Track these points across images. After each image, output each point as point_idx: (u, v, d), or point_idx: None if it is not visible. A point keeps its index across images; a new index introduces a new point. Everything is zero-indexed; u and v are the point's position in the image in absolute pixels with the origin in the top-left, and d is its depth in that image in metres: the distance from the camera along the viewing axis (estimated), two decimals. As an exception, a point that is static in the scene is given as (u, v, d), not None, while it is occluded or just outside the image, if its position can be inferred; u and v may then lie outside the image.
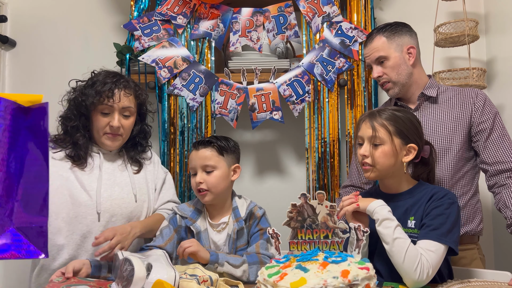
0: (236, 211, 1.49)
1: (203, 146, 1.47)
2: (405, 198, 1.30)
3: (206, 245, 1.43)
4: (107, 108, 1.46)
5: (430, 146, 1.38)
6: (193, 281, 1.11)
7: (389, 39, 1.57)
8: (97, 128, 1.47)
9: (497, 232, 2.05)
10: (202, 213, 1.50)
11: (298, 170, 2.20)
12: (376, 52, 1.58)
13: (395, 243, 1.13)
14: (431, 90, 1.58)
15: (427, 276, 1.12)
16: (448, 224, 1.19)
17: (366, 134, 1.29)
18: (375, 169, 1.29)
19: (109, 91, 1.44)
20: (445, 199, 1.24)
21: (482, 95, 1.55)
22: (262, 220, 1.48)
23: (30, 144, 0.90)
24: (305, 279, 0.90)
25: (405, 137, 1.28)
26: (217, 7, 2.01)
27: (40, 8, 2.24)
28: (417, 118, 1.35)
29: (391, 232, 1.14)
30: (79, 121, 1.47)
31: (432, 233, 1.18)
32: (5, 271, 2.16)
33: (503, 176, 1.47)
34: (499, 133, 1.51)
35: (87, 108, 1.46)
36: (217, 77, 1.98)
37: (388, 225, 1.16)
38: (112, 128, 1.46)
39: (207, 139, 1.50)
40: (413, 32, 1.62)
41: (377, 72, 1.59)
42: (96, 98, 1.44)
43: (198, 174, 1.45)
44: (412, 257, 1.12)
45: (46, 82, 2.22)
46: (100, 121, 1.46)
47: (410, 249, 1.13)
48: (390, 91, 1.60)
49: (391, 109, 1.32)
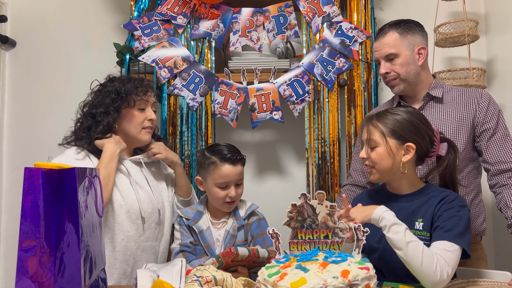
0: (236, 211, 1.56)
1: (237, 162, 1.51)
2: (412, 199, 1.29)
3: (210, 241, 1.50)
4: (143, 103, 1.51)
5: (449, 143, 1.34)
6: (194, 284, 1.11)
7: (402, 36, 1.55)
8: (135, 124, 1.50)
9: (497, 232, 2.05)
10: (204, 214, 1.56)
11: (298, 170, 2.20)
12: (387, 48, 1.55)
13: (409, 247, 1.10)
14: (436, 90, 1.58)
15: (447, 276, 1.09)
16: (461, 226, 1.18)
17: (363, 137, 1.32)
18: (375, 170, 1.29)
19: (146, 88, 1.51)
20: (456, 202, 1.22)
21: (486, 95, 1.55)
22: (262, 223, 1.55)
23: (63, 210, 0.91)
24: (305, 279, 0.90)
25: (401, 137, 1.26)
26: (217, 7, 2.01)
27: (40, 8, 2.24)
28: (421, 116, 1.32)
29: (402, 237, 1.11)
30: (115, 116, 1.48)
31: (447, 234, 1.16)
32: (5, 271, 2.16)
33: (504, 176, 1.47)
34: (502, 133, 1.50)
35: (127, 103, 1.48)
36: (217, 77, 1.98)
37: (398, 229, 1.12)
38: (151, 121, 1.52)
39: (239, 156, 1.53)
40: (425, 33, 1.60)
41: (385, 68, 1.57)
42: (137, 93, 1.48)
43: (232, 188, 1.50)
44: (429, 258, 1.09)
45: (46, 82, 2.23)
46: (137, 116, 1.50)
47: (425, 250, 1.10)
48: (395, 88, 1.58)
49: (388, 110, 1.32)
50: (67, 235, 0.90)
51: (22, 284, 0.88)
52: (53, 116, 2.21)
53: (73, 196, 0.91)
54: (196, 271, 1.20)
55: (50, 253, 0.89)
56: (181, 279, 1.14)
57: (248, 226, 1.54)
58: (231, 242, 1.51)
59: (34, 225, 0.88)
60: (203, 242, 1.50)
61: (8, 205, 2.18)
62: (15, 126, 2.21)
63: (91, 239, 0.99)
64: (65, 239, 0.90)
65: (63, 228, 0.90)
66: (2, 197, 2.18)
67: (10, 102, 2.22)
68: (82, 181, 0.96)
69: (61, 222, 0.90)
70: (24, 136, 2.21)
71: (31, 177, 0.88)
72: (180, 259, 1.31)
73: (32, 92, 2.22)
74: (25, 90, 2.22)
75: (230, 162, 1.49)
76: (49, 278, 0.88)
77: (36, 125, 2.21)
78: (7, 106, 2.22)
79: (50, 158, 1.47)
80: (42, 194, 0.88)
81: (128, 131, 1.51)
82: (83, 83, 2.18)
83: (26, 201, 0.88)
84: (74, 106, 2.24)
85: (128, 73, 1.98)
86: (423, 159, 1.31)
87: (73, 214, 0.90)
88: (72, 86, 2.21)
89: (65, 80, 2.23)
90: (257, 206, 1.59)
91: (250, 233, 1.53)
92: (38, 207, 0.88)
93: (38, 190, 0.88)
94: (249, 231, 1.53)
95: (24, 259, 0.88)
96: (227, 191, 1.49)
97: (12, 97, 2.22)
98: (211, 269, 1.18)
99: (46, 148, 2.14)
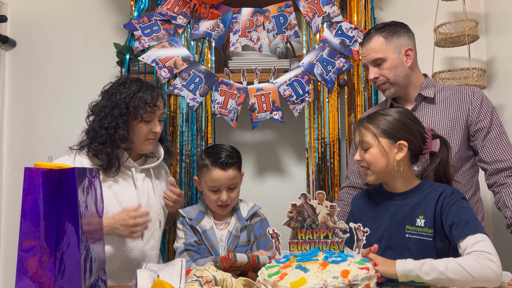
0: (238, 212, 1.57)
1: (229, 166, 1.49)
2: (410, 196, 1.30)
3: (214, 241, 1.51)
4: (151, 116, 1.51)
5: (441, 139, 1.36)
6: (194, 284, 1.11)
7: (387, 40, 1.54)
8: (139, 136, 1.51)
9: (497, 232, 2.05)
10: (206, 214, 1.57)
11: (298, 170, 2.20)
12: (374, 53, 1.55)
13: (448, 273, 1.09)
14: (428, 90, 1.58)
15: (497, 260, 1.10)
16: (473, 216, 1.20)
17: (356, 140, 1.34)
18: (371, 171, 1.31)
19: (155, 100, 1.50)
20: (456, 195, 1.25)
21: (478, 93, 1.54)
22: (265, 224, 1.56)
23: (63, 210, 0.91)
24: (305, 279, 0.90)
25: (392, 136, 1.28)
26: (217, 7, 2.01)
27: (40, 8, 2.24)
28: (411, 115, 1.34)
29: (435, 271, 1.10)
30: (125, 130, 1.48)
31: (468, 228, 1.17)
32: (5, 271, 2.16)
33: (502, 175, 1.47)
34: (497, 131, 1.51)
35: (134, 117, 1.49)
36: (217, 77, 1.98)
37: (426, 269, 1.11)
38: (155, 134, 1.53)
39: (231, 160, 1.49)
40: (411, 33, 1.60)
41: (373, 74, 1.57)
42: (145, 109, 1.48)
43: (224, 193, 1.49)
44: (472, 265, 1.09)
45: (46, 82, 2.22)
46: (143, 129, 1.51)
47: (461, 262, 1.10)
48: (387, 92, 1.59)
49: (378, 112, 1.34)
50: (67, 235, 0.90)
51: (22, 284, 0.88)
52: (53, 116, 2.21)
53: (73, 196, 0.91)
54: (196, 271, 1.20)
55: (50, 253, 0.89)
56: (181, 279, 1.14)
57: (251, 226, 1.55)
58: (234, 243, 1.51)
59: (34, 225, 0.88)
60: (207, 241, 1.51)
61: (8, 205, 2.18)
62: (15, 126, 2.21)
63: (91, 239, 0.99)
64: (65, 239, 0.90)
65: (63, 228, 0.90)
66: (2, 197, 2.18)
67: (10, 102, 2.22)
68: (82, 181, 0.96)
69: (61, 222, 0.90)
70: (24, 136, 2.21)
71: (31, 177, 0.88)
72: (180, 259, 1.31)
73: (32, 92, 2.22)
74: (25, 90, 2.22)
75: (220, 166, 1.47)
76: (49, 278, 0.88)
77: (36, 125, 2.21)
78: (7, 106, 2.22)
79: (50, 158, 1.47)
80: (42, 194, 0.88)
81: (132, 140, 1.52)
82: (83, 83, 2.21)
83: (26, 201, 0.88)
84: (74, 106, 2.25)
85: (128, 73, 1.98)
86: (417, 156, 1.33)
87: (73, 214, 0.90)
88: (72, 86, 2.21)
89: (65, 80, 2.23)
90: (259, 207, 1.60)
91: (253, 234, 1.54)
92: (38, 207, 0.88)
93: (38, 190, 0.88)
94: (252, 232, 1.55)
95: (24, 259, 0.88)
96: (219, 195, 1.49)
97: (12, 97, 2.22)
98: (211, 269, 1.18)
99: (46, 148, 2.14)
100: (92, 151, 1.48)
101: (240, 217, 1.55)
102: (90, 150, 1.48)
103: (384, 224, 1.31)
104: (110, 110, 1.47)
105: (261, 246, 1.50)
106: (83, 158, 1.49)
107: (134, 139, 1.52)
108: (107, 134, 1.46)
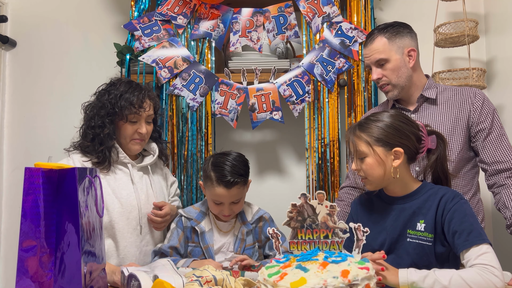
0: (243, 215, 1.56)
1: (233, 185, 1.44)
2: (411, 200, 1.28)
3: (210, 243, 1.50)
4: (136, 117, 1.54)
5: (437, 135, 1.33)
6: (194, 284, 1.11)
7: (390, 40, 1.54)
8: (124, 135, 1.55)
9: (497, 232, 2.05)
10: (207, 215, 1.56)
11: (298, 170, 2.20)
12: (377, 54, 1.55)
13: (452, 285, 1.07)
14: (430, 91, 1.58)
15: (500, 273, 1.08)
16: (477, 223, 1.17)
17: (351, 149, 1.31)
18: (369, 180, 1.28)
19: (141, 102, 1.53)
20: (457, 199, 1.21)
21: (480, 94, 1.55)
22: (272, 224, 1.58)
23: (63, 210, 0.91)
24: (305, 279, 0.90)
25: (387, 143, 1.24)
26: (217, 7, 2.01)
27: (40, 8, 2.24)
28: (403, 116, 1.29)
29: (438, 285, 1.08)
30: (111, 129, 1.52)
31: (472, 237, 1.14)
32: (5, 271, 2.16)
33: (502, 176, 1.47)
34: (498, 132, 1.51)
35: (120, 117, 1.52)
36: (217, 77, 1.98)
37: (430, 282, 1.09)
38: (141, 135, 1.56)
39: (236, 179, 1.44)
40: (414, 34, 1.60)
41: (376, 74, 1.57)
42: (130, 109, 1.51)
43: (226, 206, 1.47)
44: (475, 279, 1.07)
45: (46, 82, 2.22)
46: (128, 129, 1.54)
47: (465, 276, 1.08)
48: (389, 93, 1.59)
49: (369, 118, 1.30)
50: (67, 235, 0.90)
51: (22, 284, 0.88)
52: (53, 116, 2.21)
53: (73, 196, 0.91)
54: (196, 271, 1.20)
55: (50, 253, 0.89)
56: (181, 276, 1.13)
57: (259, 229, 1.57)
58: (241, 246, 1.52)
59: (34, 225, 0.88)
60: (203, 243, 1.50)
61: (8, 205, 2.18)
62: (15, 126, 2.21)
63: (91, 239, 0.99)
64: (65, 239, 0.90)
65: (63, 228, 0.90)
66: (2, 197, 2.18)
67: (10, 102, 2.22)
68: (82, 181, 0.96)
69: (61, 222, 0.90)
70: (24, 136, 2.21)
71: (31, 177, 0.89)
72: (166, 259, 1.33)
73: (32, 92, 2.22)
74: (25, 90, 2.22)
75: (224, 185, 1.43)
76: (49, 278, 0.88)
77: (36, 125, 2.21)
78: (7, 106, 2.22)
79: (50, 158, 1.48)
80: (42, 194, 0.89)
81: (118, 140, 1.56)
82: (83, 83, 2.21)
83: (26, 201, 0.89)
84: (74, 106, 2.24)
85: (128, 73, 1.98)
86: (414, 157, 1.30)
87: (73, 214, 0.91)
88: (72, 86, 2.21)
89: (65, 80, 2.23)
90: (264, 211, 1.59)
91: (264, 235, 1.57)
92: (38, 207, 0.88)
93: (38, 190, 0.88)
94: (261, 233, 1.57)
95: (24, 259, 0.88)
96: (221, 208, 1.48)
97: (12, 97, 2.22)
98: (211, 269, 1.18)
99: (46, 148, 2.14)
100: (82, 148, 1.52)
101: (245, 221, 1.55)
102: (81, 147, 1.53)
103: (386, 229, 1.29)
104: (98, 110, 1.52)
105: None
106: (77, 155, 1.53)
107: (120, 139, 1.56)
108: (94, 133, 1.50)
